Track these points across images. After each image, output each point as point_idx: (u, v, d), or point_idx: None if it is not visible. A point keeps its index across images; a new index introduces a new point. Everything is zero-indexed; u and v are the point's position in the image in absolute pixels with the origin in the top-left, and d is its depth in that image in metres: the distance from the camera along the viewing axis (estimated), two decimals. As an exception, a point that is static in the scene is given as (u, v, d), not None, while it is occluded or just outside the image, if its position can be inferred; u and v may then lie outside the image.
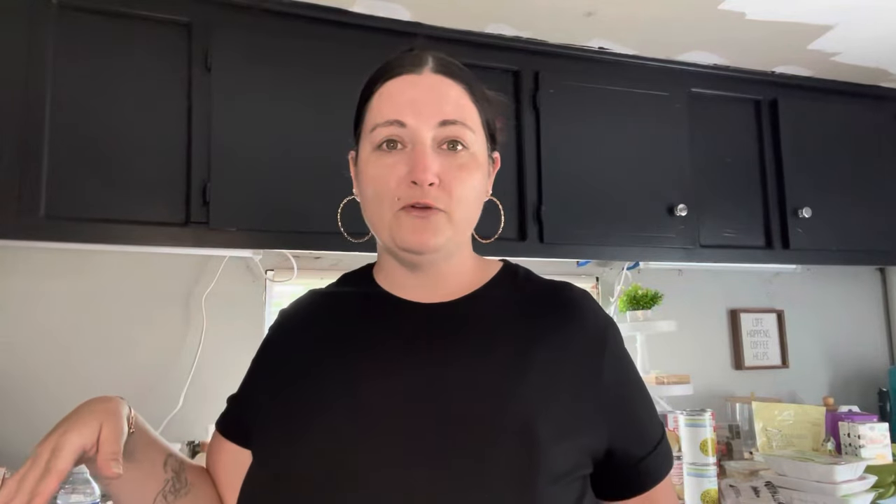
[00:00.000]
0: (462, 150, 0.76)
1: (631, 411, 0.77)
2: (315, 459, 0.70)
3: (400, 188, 0.74)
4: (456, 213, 0.75)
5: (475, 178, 0.77)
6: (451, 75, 0.78)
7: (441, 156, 0.74)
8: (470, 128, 0.76)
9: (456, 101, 0.76)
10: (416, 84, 0.76)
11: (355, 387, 0.74)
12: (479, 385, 0.71)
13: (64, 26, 1.46)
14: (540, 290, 0.82)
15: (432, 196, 0.73)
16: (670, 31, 1.85)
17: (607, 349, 0.76)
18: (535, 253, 1.77)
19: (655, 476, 0.77)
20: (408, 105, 0.75)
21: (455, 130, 0.75)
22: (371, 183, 0.76)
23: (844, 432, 1.86)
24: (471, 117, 0.77)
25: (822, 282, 2.55)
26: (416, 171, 0.72)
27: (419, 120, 0.74)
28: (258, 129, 1.57)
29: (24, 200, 1.38)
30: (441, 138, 0.75)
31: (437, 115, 0.74)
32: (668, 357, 2.20)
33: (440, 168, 0.74)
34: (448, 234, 0.75)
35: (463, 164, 0.75)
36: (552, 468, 0.68)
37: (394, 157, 0.75)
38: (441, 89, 0.76)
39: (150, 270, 1.79)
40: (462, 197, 0.75)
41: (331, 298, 0.88)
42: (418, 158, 0.73)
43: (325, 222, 1.60)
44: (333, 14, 1.66)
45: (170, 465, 0.80)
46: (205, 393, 1.75)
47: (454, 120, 0.75)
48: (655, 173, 1.93)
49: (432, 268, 0.79)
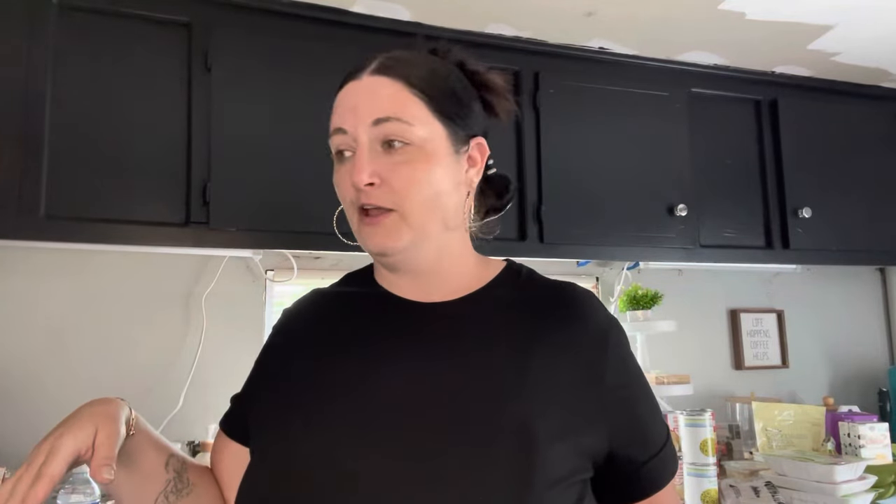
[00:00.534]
0: (401, 146, 0.74)
1: (633, 414, 0.76)
2: (314, 459, 0.70)
3: (351, 193, 0.76)
4: (408, 210, 0.74)
5: (426, 172, 0.75)
6: (389, 73, 0.76)
7: (383, 154, 0.74)
8: (408, 122, 0.74)
9: (390, 98, 0.75)
10: (356, 90, 0.77)
11: (355, 386, 0.74)
12: (477, 385, 0.71)
13: (64, 26, 1.46)
14: (542, 290, 0.81)
15: (374, 196, 0.74)
16: (670, 31, 1.85)
17: (610, 350, 0.75)
18: (535, 253, 1.77)
19: (658, 482, 0.76)
20: (347, 112, 0.76)
21: (388, 128, 0.74)
22: (338, 192, 0.79)
23: (844, 432, 1.86)
24: (410, 111, 0.75)
25: (822, 282, 2.55)
26: (352, 174, 0.74)
27: (355, 124, 0.75)
28: (258, 130, 1.57)
29: (24, 200, 1.38)
30: (378, 138, 0.74)
31: (368, 115, 0.74)
32: (668, 357, 2.20)
33: (378, 167, 0.74)
34: (407, 234, 0.75)
35: (407, 160, 0.74)
36: (550, 470, 0.68)
37: (346, 165, 0.76)
38: (374, 89, 0.75)
39: (150, 270, 1.79)
40: (409, 193, 0.74)
41: (333, 298, 0.88)
42: (354, 163, 0.74)
43: (326, 222, 1.60)
44: (333, 14, 1.66)
45: (171, 465, 0.80)
46: (205, 393, 1.75)
47: (386, 117, 0.74)
48: (655, 173, 1.93)
49: (414, 267, 0.79)
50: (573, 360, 0.74)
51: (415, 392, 0.72)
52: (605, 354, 0.75)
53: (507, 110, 0.86)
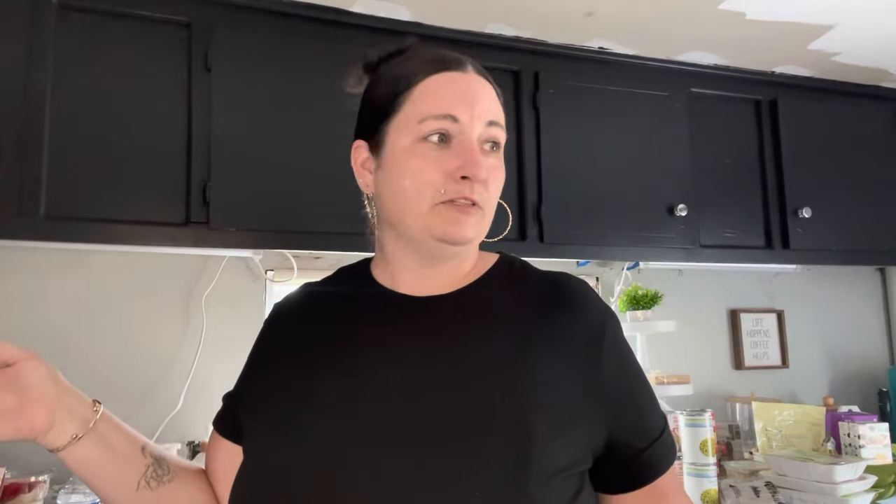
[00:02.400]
0: (497, 151, 0.79)
1: (631, 403, 0.77)
2: (309, 456, 0.70)
3: (448, 182, 0.74)
4: (488, 211, 0.79)
5: (502, 180, 0.81)
6: (488, 79, 0.81)
7: (484, 155, 0.77)
8: (505, 131, 0.80)
9: (497, 104, 0.80)
10: (465, 82, 0.78)
11: (349, 383, 0.74)
12: (474, 380, 0.71)
13: (64, 26, 1.46)
14: (536, 281, 0.82)
15: (477, 192, 0.75)
16: (670, 31, 1.85)
17: (606, 340, 0.76)
18: (535, 253, 1.77)
19: (659, 467, 0.77)
20: (460, 101, 0.76)
21: (496, 132, 0.78)
22: (412, 174, 0.75)
23: (844, 432, 1.86)
24: (503, 120, 0.80)
25: (822, 282, 2.55)
26: (471, 167, 0.74)
27: (471, 117, 0.76)
28: (258, 130, 1.57)
29: (24, 200, 1.38)
30: (485, 138, 0.77)
31: (486, 115, 0.77)
32: (668, 357, 2.20)
33: (485, 167, 0.76)
34: (480, 230, 0.78)
35: (497, 165, 0.79)
36: (549, 463, 0.68)
37: (441, 151, 0.75)
38: (487, 91, 0.79)
39: (150, 270, 1.79)
40: (494, 196, 0.79)
41: (325, 293, 0.88)
42: (473, 156, 0.74)
43: (325, 222, 1.61)
44: (333, 14, 1.66)
45: (148, 451, 0.82)
46: (205, 393, 1.75)
47: (496, 121, 0.78)
48: (655, 173, 1.93)
49: (451, 259, 0.80)
50: (569, 351, 0.74)
51: (410, 388, 0.72)
52: (601, 345, 0.75)
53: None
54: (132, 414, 1.70)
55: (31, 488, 1.40)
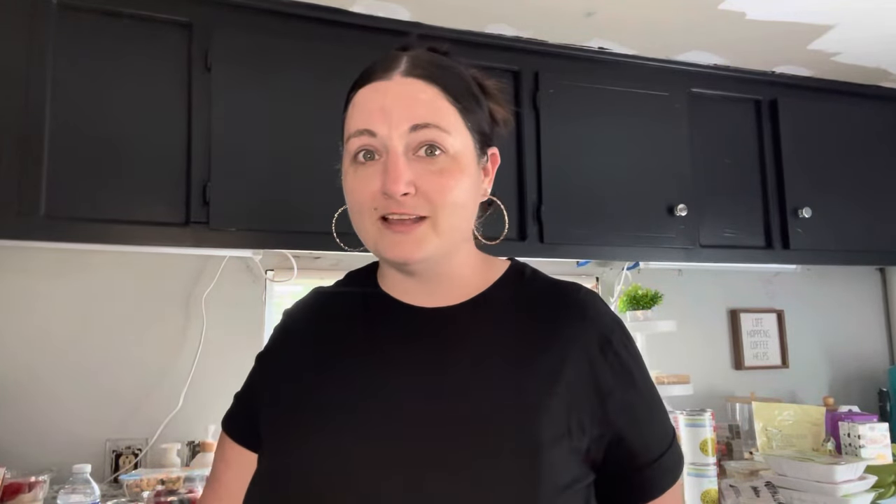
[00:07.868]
0: (440, 154, 0.72)
1: (636, 418, 0.75)
2: (315, 463, 0.70)
3: (376, 200, 0.71)
4: (441, 219, 0.72)
5: (459, 182, 0.73)
6: (425, 77, 0.74)
7: (417, 162, 0.71)
8: (445, 130, 0.72)
9: (429, 104, 0.72)
10: (386, 90, 0.73)
11: (355, 391, 0.73)
12: (479, 390, 0.71)
13: (64, 26, 1.46)
14: (547, 291, 0.80)
15: (409, 205, 0.70)
16: (670, 31, 1.85)
17: (613, 354, 0.75)
18: (535, 253, 1.77)
19: (661, 484, 0.75)
20: (377, 113, 0.72)
21: (429, 134, 0.71)
22: (350, 195, 0.74)
23: (844, 432, 1.86)
24: (447, 119, 0.73)
25: (822, 282, 2.55)
26: (387, 182, 0.70)
27: (389, 127, 0.71)
28: (258, 130, 1.57)
29: (24, 200, 1.38)
30: (416, 144, 0.71)
31: (406, 121, 0.71)
32: (668, 357, 2.20)
33: (415, 175, 0.70)
34: (434, 244, 0.72)
35: (442, 169, 0.72)
36: (556, 476, 0.67)
37: (368, 169, 0.72)
38: (411, 93, 0.72)
39: (150, 270, 1.79)
40: (445, 203, 0.71)
41: (334, 299, 0.87)
42: (390, 169, 0.70)
43: (325, 222, 1.60)
44: (333, 14, 1.66)
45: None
46: (205, 393, 1.75)
47: (426, 123, 0.71)
48: (655, 173, 1.93)
49: (429, 273, 0.77)
50: (576, 364, 0.73)
51: (415, 398, 0.71)
52: (608, 358, 0.74)
53: (506, 120, 0.84)
54: (132, 414, 1.71)
55: (31, 488, 1.40)
